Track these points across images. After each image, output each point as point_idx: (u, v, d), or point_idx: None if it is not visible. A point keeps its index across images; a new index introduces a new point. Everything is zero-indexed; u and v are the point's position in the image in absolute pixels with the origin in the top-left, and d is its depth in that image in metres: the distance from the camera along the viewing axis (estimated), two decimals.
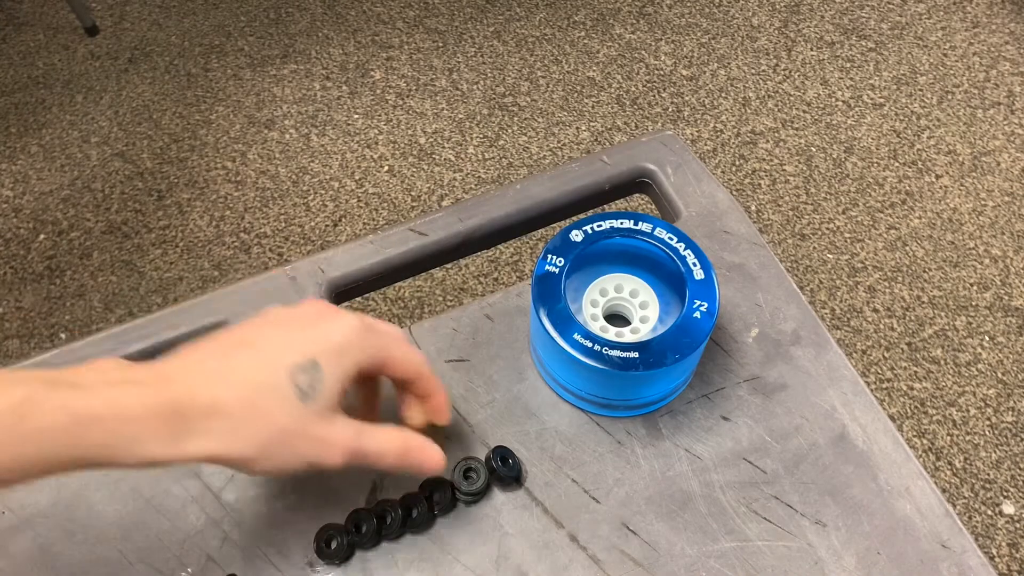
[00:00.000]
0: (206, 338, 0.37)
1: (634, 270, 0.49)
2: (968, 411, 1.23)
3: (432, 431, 0.43)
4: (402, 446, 0.39)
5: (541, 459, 0.47)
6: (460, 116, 1.60)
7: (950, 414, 1.23)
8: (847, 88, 1.64)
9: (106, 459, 0.32)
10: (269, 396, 0.34)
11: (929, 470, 1.18)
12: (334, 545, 0.43)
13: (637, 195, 0.61)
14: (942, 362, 1.28)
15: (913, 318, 1.33)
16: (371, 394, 0.44)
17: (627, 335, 0.47)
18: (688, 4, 1.79)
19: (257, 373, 0.35)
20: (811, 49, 1.71)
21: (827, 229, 1.43)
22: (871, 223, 1.44)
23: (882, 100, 1.62)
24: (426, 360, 0.42)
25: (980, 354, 1.29)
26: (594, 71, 1.67)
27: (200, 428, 0.33)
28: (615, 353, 0.44)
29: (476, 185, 1.50)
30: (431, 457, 0.40)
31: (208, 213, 1.47)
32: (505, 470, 0.45)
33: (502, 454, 0.45)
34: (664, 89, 1.64)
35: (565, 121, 1.59)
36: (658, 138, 0.61)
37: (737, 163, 1.53)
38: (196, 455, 0.34)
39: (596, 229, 0.48)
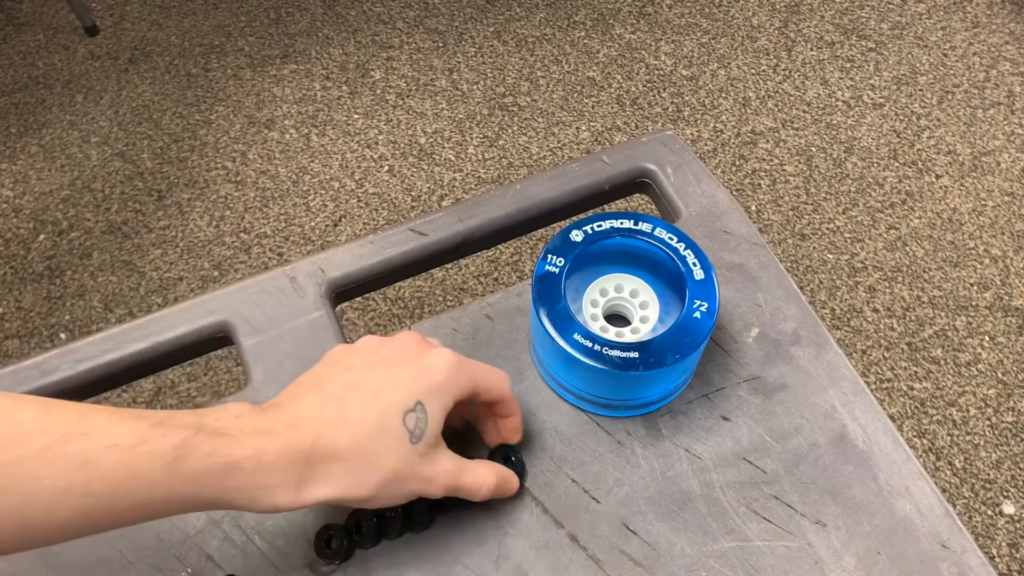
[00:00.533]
0: (315, 376, 0.39)
1: (634, 270, 0.49)
2: (968, 411, 1.23)
3: None
4: (495, 481, 0.42)
5: (541, 459, 0.47)
6: (460, 116, 1.60)
7: (950, 414, 1.23)
8: (847, 88, 1.64)
9: (238, 503, 0.35)
10: (383, 441, 0.37)
11: (929, 470, 1.18)
12: (334, 545, 0.43)
13: (637, 195, 0.61)
14: (942, 362, 1.28)
15: (913, 318, 1.33)
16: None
17: (627, 335, 0.47)
18: (688, 4, 1.79)
19: (371, 418, 0.37)
20: (811, 49, 1.71)
21: (827, 229, 1.43)
22: (871, 223, 1.44)
23: (882, 100, 1.62)
24: (508, 379, 0.43)
25: (980, 354, 1.29)
26: (594, 71, 1.67)
27: (323, 475, 0.36)
28: (615, 353, 0.44)
29: (476, 185, 1.50)
30: (513, 488, 0.44)
31: (208, 213, 1.47)
32: (508, 468, 0.45)
33: (504, 452, 0.45)
34: (664, 89, 1.64)
35: (565, 121, 1.59)
36: (658, 138, 0.61)
37: (737, 163, 1.53)
38: (317, 500, 0.36)
39: (596, 229, 0.48)
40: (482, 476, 0.41)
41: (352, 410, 0.37)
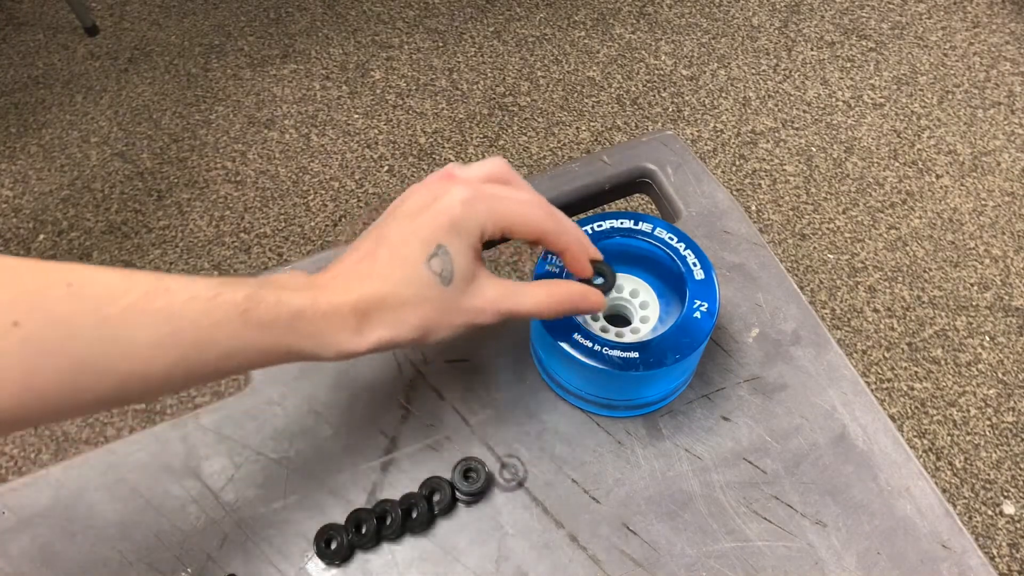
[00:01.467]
0: (361, 237, 0.41)
1: (634, 270, 0.49)
2: (968, 411, 1.23)
3: None
4: (553, 300, 0.42)
5: (541, 459, 0.47)
6: (460, 116, 1.60)
7: (950, 414, 1.23)
8: (847, 88, 1.64)
9: (310, 351, 0.37)
10: (416, 288, 0.39)
11: (929, 470, 1.18)
12: (334, 545, 0.43)
13: (637, 195, 0.61)
14: (942, 362, 1.28)
15: (913, 318, 1.33)
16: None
17: (627, 335, 0.47)
18: (688, 4, 1.79)
19: (398, 269, 0.39)
20: (811, 49, 1.71)
21: (827, 229, 1.43)
22: (871, 223, 1.44)
23: (882, 100, 1.62)
24: (541, 207, 0.42)
25: (980, 354, 1.29)
26: (594, 71, 1.67)
27: (375, 321, 0.38)
28: (615, 353, 0.44)
29: None
30: (593, 303, 0.43)
31: (208, 213, 1.47)
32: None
33: (593, 268, 0.44)
34: (664, 89, 1.64)
35: (565, 121, 1.59)
36: (658, 138, 0.61)
37: (737, 163, 1.53)
38: (377, 342, 0.38)
39: (596, 229, 0.48)
40: (535, 296, 0.42)
41: (381, 264, 0.39)
